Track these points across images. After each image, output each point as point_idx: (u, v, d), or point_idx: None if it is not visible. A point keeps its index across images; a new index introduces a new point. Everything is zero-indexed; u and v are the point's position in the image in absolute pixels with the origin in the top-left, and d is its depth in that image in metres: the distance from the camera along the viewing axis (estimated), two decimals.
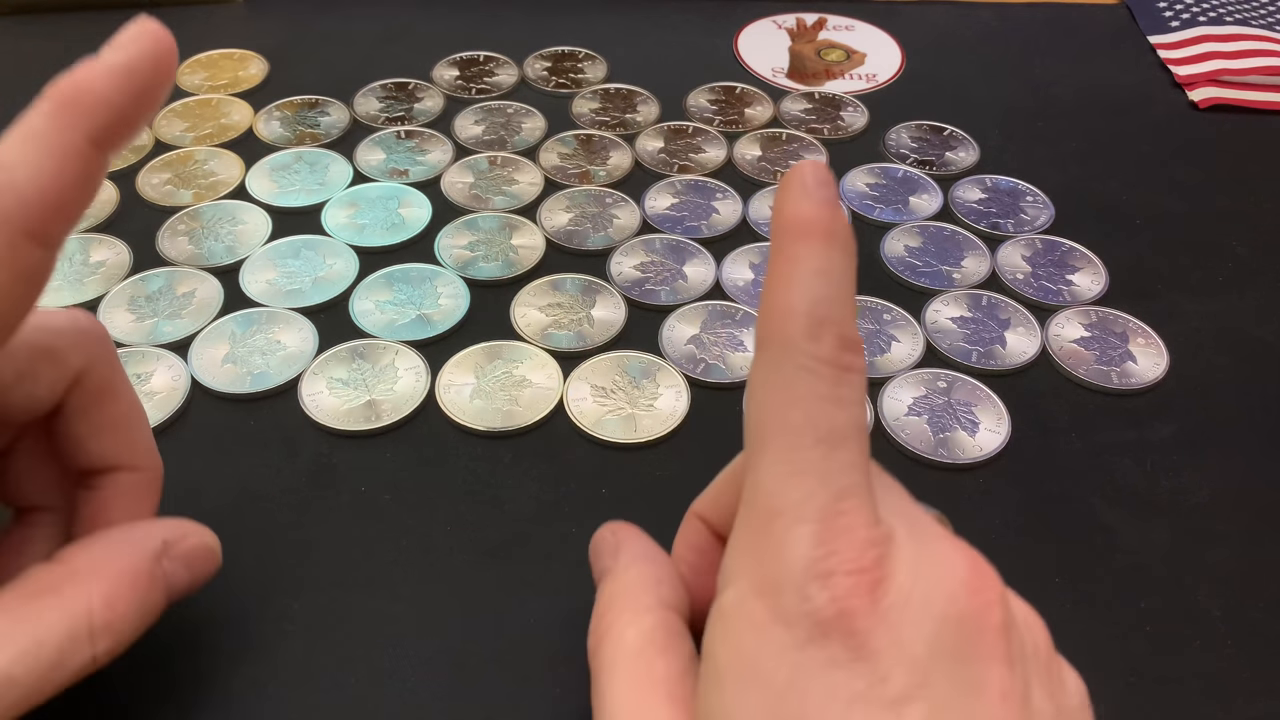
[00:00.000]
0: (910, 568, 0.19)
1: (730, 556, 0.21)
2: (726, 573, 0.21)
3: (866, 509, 0.20)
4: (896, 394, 0.36)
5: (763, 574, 0.19)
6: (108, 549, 0.24)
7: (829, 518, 0.19)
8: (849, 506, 0.19)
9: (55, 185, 0.21)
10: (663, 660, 0.22)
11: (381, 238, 0.41)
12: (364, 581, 0.30)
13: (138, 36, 0.21)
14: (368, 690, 0.28)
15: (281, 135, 0.47)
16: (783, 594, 0.19)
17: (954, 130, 0.49)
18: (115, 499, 0.26)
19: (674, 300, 0.39)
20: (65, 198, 0.21)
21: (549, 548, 0.31)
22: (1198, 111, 0.51)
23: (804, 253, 0.21)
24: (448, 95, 0.50)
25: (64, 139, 0.21)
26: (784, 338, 0.20)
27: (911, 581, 0.19)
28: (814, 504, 0.19)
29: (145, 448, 0.27)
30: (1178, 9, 0.58)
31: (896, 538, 0.20)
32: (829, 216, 0.21)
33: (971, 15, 0.58)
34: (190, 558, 0.25)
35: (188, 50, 0.52)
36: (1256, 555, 0.32)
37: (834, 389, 0.20)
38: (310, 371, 0.36)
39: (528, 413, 0.35)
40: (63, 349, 0.25)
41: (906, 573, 0.19)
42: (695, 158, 0.47)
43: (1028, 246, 0.42)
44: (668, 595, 0.24)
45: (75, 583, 0.23)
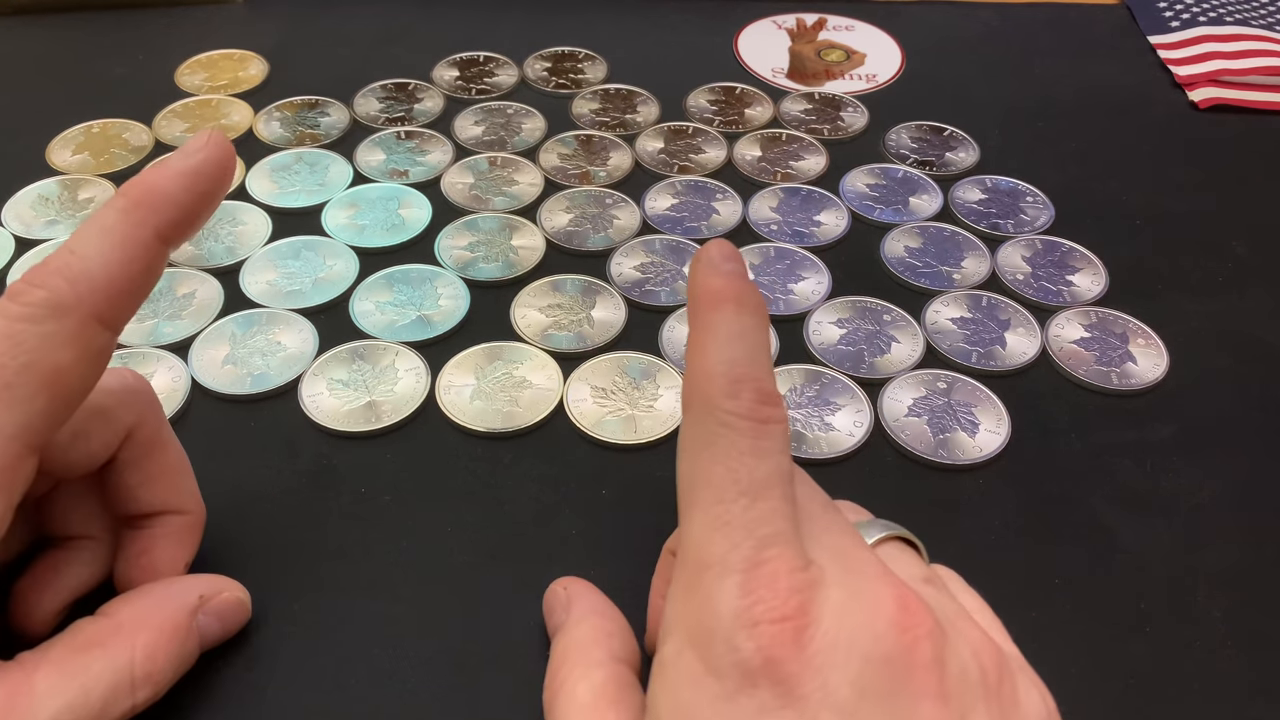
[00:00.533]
0: (836, 610, 0.20)
1: (669, 608, 0.22)
2: (666, 624, 0.21)
3: (791, 555, 0.20)
4: (896, 395, 0.36)
5: (695, 625, 0.20)
6: (149, 603, 0.26)
7: (752, 567, 0.20)
8: (772, 555, 0.20)
9: (124, 274, 0.23)
10: (613, 712, 0.23)
11: (382, 238, 0.41)
12: (364, 582, 0.30)
13: (205, 145, 0.25)
14: (368, 690, 0.28)
15: (281, 136, 0.47)
16: (713, 645, 0.20)
17: (954, 130, 0.49)
18: (161, 539, 0.28)
19: (674, 301, 0.39)
20: (132, 286, 0.23)
21: (549, 548, 0.31)
22: (1198, 111, 0.51)
23: (717, 320, 0.23)
24: (448, 95, 0.50)
25: (134, 234, 0.23)
26: (704, 398, 0.22)
27: (838, 624, 0.20)
28: (738, 554, 0.20)
29: (190, 493, 0.29)
30: (1178, 9, 0.58)
31: (825, 579, 0.20)
32: (737, 286, 0.23)
33: (971, 15, 0.58)
34: (223, 611, 0.27)
35: (188, 50, 0.52)
36: (1256, 555, 0.32)
37: (754, 442, 0.21)
38: (310, 372, 0.36)
39: (528, 414, 0.35)
40: (114, 408, 0.26)
41: (832, 616, 0.20)
42: (695, 158, 0.47)
43: (1028, 247, 0.42)
44: (618, 649, 0.25)
45: (120, 636, 0.24)
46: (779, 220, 0.43)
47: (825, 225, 0.43)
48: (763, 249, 0.42)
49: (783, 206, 0.44)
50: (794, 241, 0.42)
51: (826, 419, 0.35)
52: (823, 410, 0.35)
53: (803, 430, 0.34)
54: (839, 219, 0.43)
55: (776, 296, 0.40)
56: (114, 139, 0.46)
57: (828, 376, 0.36)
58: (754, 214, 0.43)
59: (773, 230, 0.43)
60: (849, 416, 0.35)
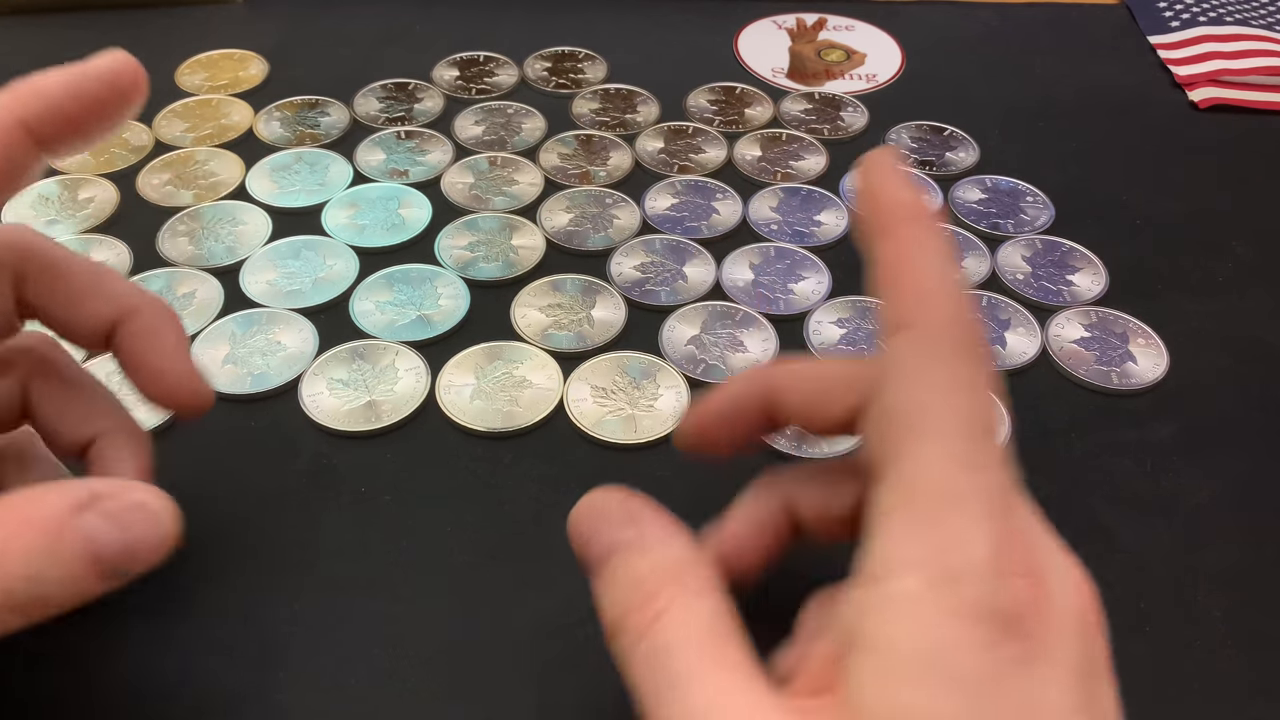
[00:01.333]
0: (1056, 577, 0.19)
1: (888, 540, 0.19)
2: (888, 556, 0.19)
3: (1025, 509, 0.20)
4: None
5: (941, 564, 0.18)
6: (28, 496, 0.21)
7: (1003, 515, 0.19)
8: (1016, 504, 0.19)
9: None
10: (735, 648, 0.20)
11: (382, 238, 0.41)
12: (364, 582, 0.30)
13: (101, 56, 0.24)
14: (368, 690, 0.28)
15: (281, 135, 0.47)
16: (967, 588, 0.18)
17: (954, 130, 0.49)
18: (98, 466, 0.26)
19: (674, 301, 0.39)
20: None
21: (549, 548, 0.31)
22: (1198, 111, 0.51)
23: (921, 235, 0.21)
24: (448, 95, 0.50)
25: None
26: (932, 320, 0.20)
27: (1061, 596, 0.19)
28: (989, 499, 0.19)
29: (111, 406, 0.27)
30: (1178, 9, 0.58)
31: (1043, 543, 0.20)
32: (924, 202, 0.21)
33: (971, 15, 0.58)
34: (123, 516, 0.21)
35: (188, 50, 0.52)
36: (1256, 555, 0.32)
37: (981, 375, 0.20)
38: (310, 372, 0.36)
39: (528, 413, 0.35)
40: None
41: (1055, 582, 0.19)
42: (695, 158, 0.47)
43: (1028, 247, 0.42)
44: (713, 576, 0.22)
45: None
46: (779, 220, 0.43)
47: (825, 225, 0.43)
48: (763, 249, 0.42)
49: (783, 206, 0.44)
50: (794, 241, 0.42)
51: None
52: None
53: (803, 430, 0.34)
54: (839, 219, 0.43)
55: (777, 296, 0.40)
56: (114, 139, 0.46)
57: None
58: (754, 214, 0.43)
59: (773, 230, 0.43)
60: None
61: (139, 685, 0.27)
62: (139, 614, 0.29)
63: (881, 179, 0.22)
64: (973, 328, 0.20)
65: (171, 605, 0.29)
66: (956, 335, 0.20)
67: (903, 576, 0.19)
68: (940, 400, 0.20)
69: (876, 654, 0.19)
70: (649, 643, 0.20)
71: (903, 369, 0.20)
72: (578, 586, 0.30)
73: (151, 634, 0.29)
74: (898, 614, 0.19)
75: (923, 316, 0.20)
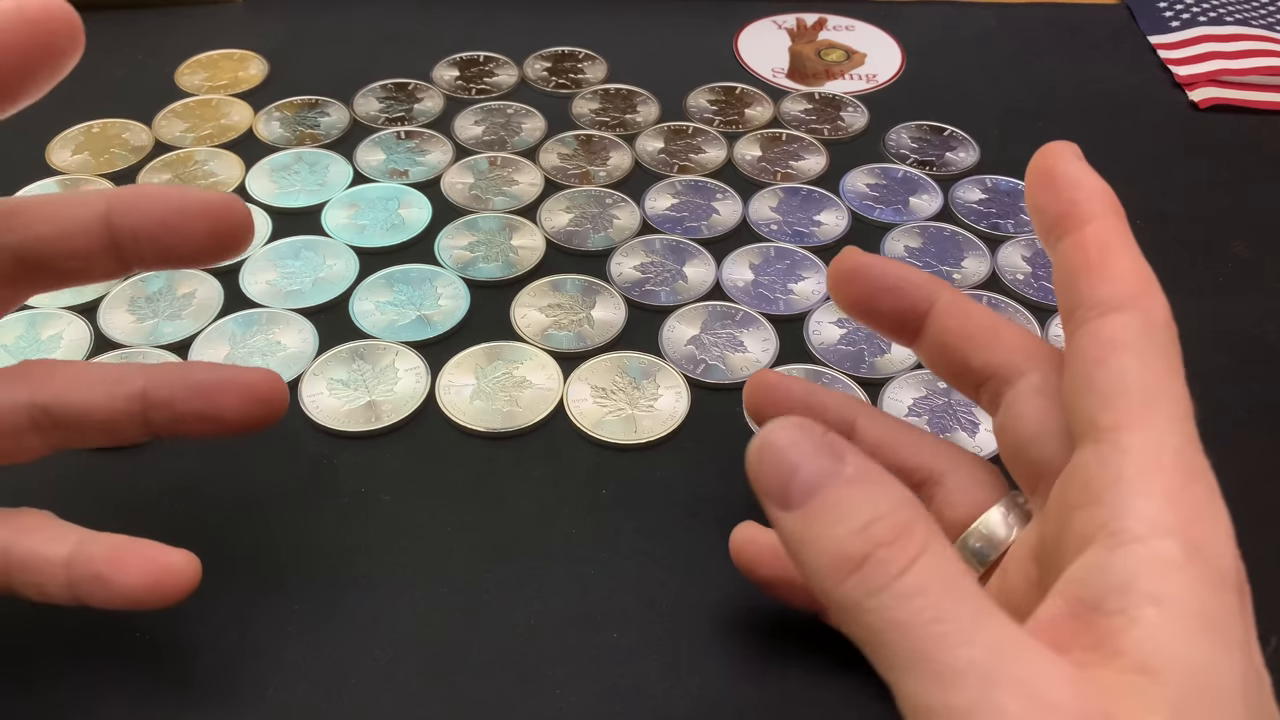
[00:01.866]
0: None
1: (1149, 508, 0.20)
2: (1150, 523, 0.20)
3: None
4: (896, 394, 0.36)
5: (1192, 532, 0.20)
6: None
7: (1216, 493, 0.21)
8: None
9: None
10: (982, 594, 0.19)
11: (381, 238, 0.41)
12: (364, 582, 0.30)
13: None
14: (368, 690, 0.28)
15: (281, 136, 0.47)
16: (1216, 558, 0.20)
17: (954, 130, 0.49)
18: None
19: (674, 301, 0.39)
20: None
21: (549, 548, 0.31)
22: (1198, 111, 0.51)
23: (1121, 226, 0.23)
24: (448, 95, 0.50)
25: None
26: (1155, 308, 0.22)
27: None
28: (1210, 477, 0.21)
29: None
30: (1178, 9, 0.58)
31: None
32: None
33: (971, 15, 0.58)
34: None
35: (188, 50, 0.52)
36: (1256, 555, 0.32)
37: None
38: (310, 372, 0.36)
39: (528, 413, 0.35)
40: None
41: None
42: (695, 158, 0.47)
43: (1028, 247, 0.42)
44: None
45: None
46: (779, 220, 0.43)
47: (825, 225, 0.43)
48: (763, 249, 0.42)
49: (783, 206, 0.44)
50: (794, 241, 0.42)
51: None
52: None
53: None
54: (839, 219, 0.43)
55: (777, 296, 0.40)
56: (114, 139, 0.46)
57: (828, 376, 0.36)
58: (754, 214, 0.43)
59: (773, 230, 0.43)
60: None
61: (139, 685, 0.27)
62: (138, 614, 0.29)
63: (1081, 167, 0.24)
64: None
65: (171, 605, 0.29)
66: (1167, 323, 0.22)
67: (1163, 539, 0.19)
68: (1170, 384, 0.21)
69: (1163, 610, 0.19)
70: (913, 580, 0.19)
71: (1133, 349, 0.22)
72: (577, 586, 0.30)
73: (151, 634, 0.29)
74: (1172, 576, 0.19)
75: (1144, 303, 0.22)
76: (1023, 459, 0.25)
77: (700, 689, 0.28)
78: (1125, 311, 0.22)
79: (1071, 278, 0.23)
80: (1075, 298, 0.23)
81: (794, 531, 0.20)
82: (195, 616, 0.29)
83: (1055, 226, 0.24)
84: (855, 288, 0.27)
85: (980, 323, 0.26)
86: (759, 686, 0.28)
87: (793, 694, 0.28)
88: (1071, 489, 0.22)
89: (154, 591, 0.25)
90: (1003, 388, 0.25)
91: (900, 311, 0.26)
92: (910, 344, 0.27)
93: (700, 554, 0.31)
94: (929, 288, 0.26)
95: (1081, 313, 0.22)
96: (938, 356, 0.27)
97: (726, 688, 0.28)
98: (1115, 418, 0.21)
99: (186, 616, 0.29)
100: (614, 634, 0.29)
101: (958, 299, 0.26)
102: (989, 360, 0.25)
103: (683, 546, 0.31)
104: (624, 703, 0.28)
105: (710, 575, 0.30)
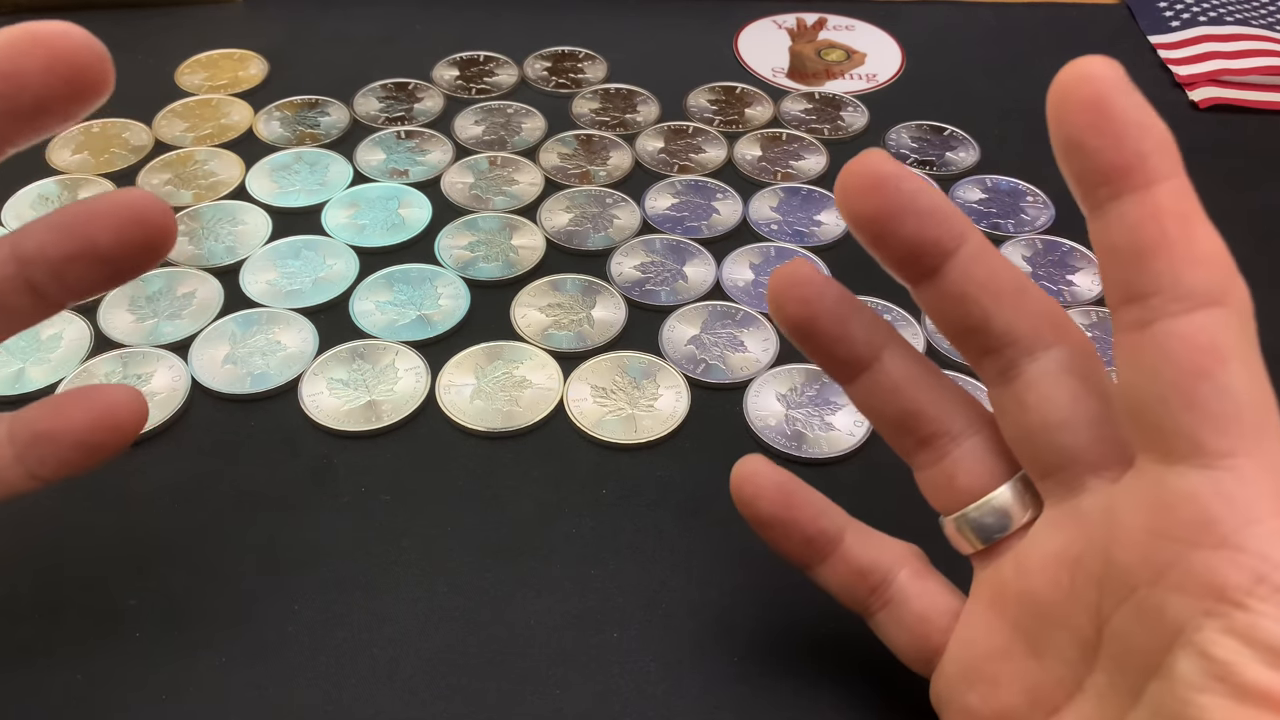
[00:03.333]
0: None
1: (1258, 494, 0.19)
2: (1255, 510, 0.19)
3: None
4: None
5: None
6: None
7: None
8: None
9: None
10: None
11: (381, 238, 0.41)
12: (364, 582, 0.30)
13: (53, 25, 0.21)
14: (368, 690, 0.28)
15: (281, 135, 0.47)
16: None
17: (954, 130, 0.49)
18: None
19: (674, 300, 0.39)
20: None
21: (549, 548, 0.31)
22: (1198, 111, 0.51)
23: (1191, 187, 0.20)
24: (448, 95, 0.50)
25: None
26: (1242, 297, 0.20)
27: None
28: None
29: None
30: (1178, 9, 0.58)
31: None
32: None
33: (971, 15, 0.58)
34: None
35: (188, 50, 0.52)
36: None
37: None
38: (310, 372, 0.36)
39: (528, 413, 0.35)
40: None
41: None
42: (695, 158, 0.47)
43: (1028, 247, 0.42)
44: None
45: None
46: (779, 220, 0.43)
47: (826, 225, 0.43)
48: (763, 249, 0.42)
49: (783, 206, 0.44)
50: (794, 241, 0.42)
51: (827, 419, 0.35)
52: (823, 410, 0.35)
53: (803, 430, 0.34)
54: (839, 219, 0.43)
55: None
56: (114, 139, 0.46)
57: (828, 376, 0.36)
58: (754, 214, 0.43)
59: (773, 230, 0.43)
60: (850, 416, 0.35)
61: (139, 685, 0.27)
62: (138, 614, 0.29)
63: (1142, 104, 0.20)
64: None
65: (171, 605, 0.29)
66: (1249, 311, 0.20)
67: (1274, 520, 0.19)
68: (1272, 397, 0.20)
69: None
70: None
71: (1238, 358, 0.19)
72: (577, 586, 0.30)
73: (151, 634, 0.29)
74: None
75: (1236, 296, 0.20)
76: (1041, 443, 0.22)
77: (700, 689, 0.28)
78: (1220, 307, 0.19)
79: (1140, 253, 0.19)
80: (1146, 279, 0.19)
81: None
82: (194, 616, 0.29)
83: (1110, 180, 0.20)
84: (877, 200, 0.22)
85: (1010, 280, 0.22)
86: (759, 686, 0.28)
87: (792, 694, 0.28)
88: (1175, 517, 0.19)
89: (101, 428, 0.24)
90: (1022, 358, 0.22)
91: (923, 243, 0.22)
92: (917, 284, 0.23)
93: (700, 554, 0.31)
94: (959, 225, 0.22)
95: (1161, 302, 0.19)
96: (952, 307, 0.23)
97: (726, 688, 0.28)
98: (1230, 443, 0.19)
99: (185, 617, 0.29)
100: (614, 634, 0.29)
101: (988, 247, 0.23)
102: (1013, 324, 0.22)
103: (683, 546, 0.31)
104: (624, 703, 0.28)
105: (710, 575, 0.30)
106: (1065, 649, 0.22)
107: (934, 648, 0.25)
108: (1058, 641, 0.22)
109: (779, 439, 0.34)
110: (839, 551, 0.26)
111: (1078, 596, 0.21)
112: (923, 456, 0.25)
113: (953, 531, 0.25)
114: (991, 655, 0.23)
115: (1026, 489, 0.24)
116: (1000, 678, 0.23)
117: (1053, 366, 0.22)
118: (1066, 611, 0.22)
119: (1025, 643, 0.23)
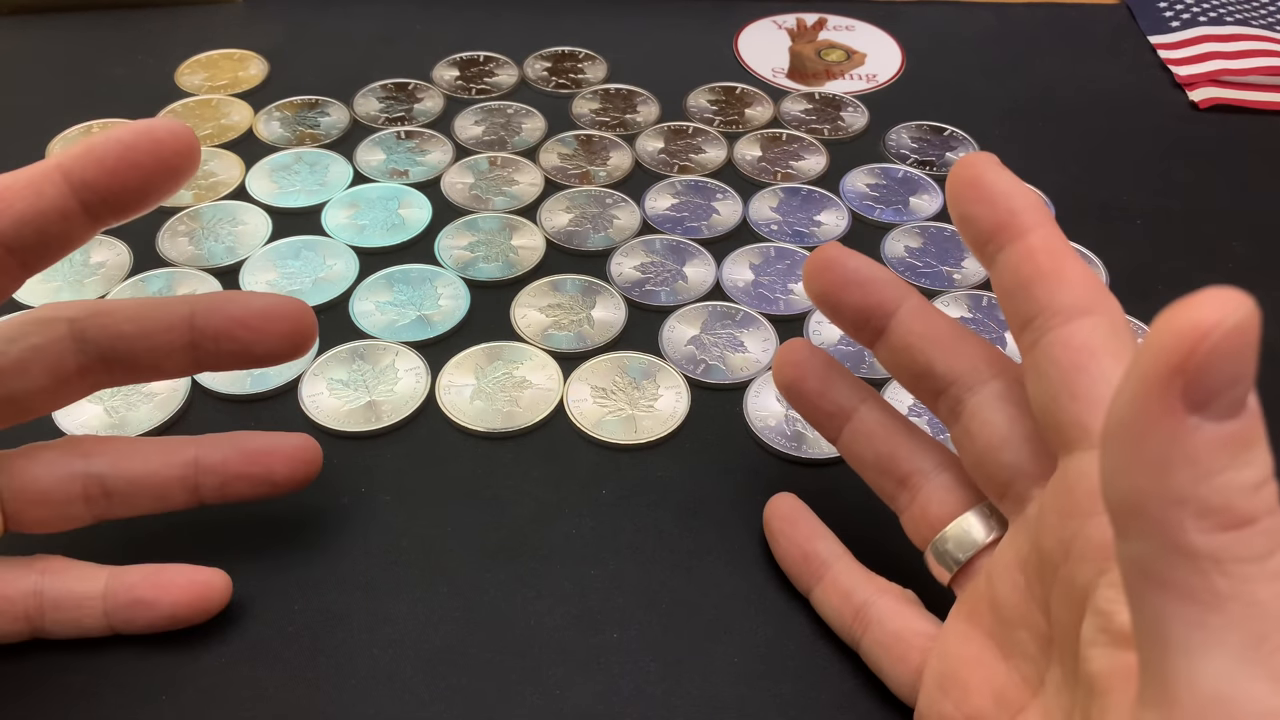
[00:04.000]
0: None
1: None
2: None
3: None
4: (897, 395, 0.36)
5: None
6: None
7: None
8: None
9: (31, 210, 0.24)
10: None
11: (381, 238, 0.41)
12: (364, 582, 0.30)
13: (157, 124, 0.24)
14: (368, 690, 0.28)
15: (281, 136, 0.47)
16: None
17: (954, 130, 0.49)
18: None
19: (674, 301, 0.39)
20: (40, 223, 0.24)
21: (549, 548, 0.31)
22: (1198, 111, 0.51)
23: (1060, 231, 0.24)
24: (448, 95, 0.50)
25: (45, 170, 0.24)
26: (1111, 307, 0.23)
27: None
28: None
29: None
30: (1178, 9, 0.58)
31: None
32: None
33: (971, 15, 0.58)
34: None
35: (188, 50, 0.52)
36: None
37: None
38: (310, 372, 0.36)
39: (528, 414, 0.35)
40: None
41: None
42: (695, 158, 0.47)
43: None
44: None
45: None
46: (779, 220, 0.43)
47: (825, 225, 0.43)
48: (763, 249, 0.42)
49: (783, 206, 0.44)
50: (794, 241, 0.42)
51: None
52: None
53: (803, 430, 0.34)
54: (839, 219, 0.43)
55: (777, 296, 0.40)
56: None
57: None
58: (754, 214, 0.43)
59: (773, 230, 0.43)
60: None
61: (139, 686, 0.27)
62: None
63: (1009, 177, 0.24)
64: None
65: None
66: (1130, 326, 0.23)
67: None
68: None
69: None
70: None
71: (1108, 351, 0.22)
72: (577, 586, 0.30)
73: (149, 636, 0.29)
74: None
75: (1105, 306, 0.22)
76: (990, 465, 0.25)
77: (700, 689, 0.28)
78: (1091, 315, 0.22)
79: (1023, 286, 0.23)
80: (1031, 306, 0.23)
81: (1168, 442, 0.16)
82: None
83: (993, 237, 0.24)
84: (826, 279, 0.27)
85: (945, 329, 0.26)
86: (759, 686, 0.28)
87: (792, 695, 0.28)
88: (1074, 496, 0.21)
89: (196, 608, 0.28)
90: (965, 394, 0.26)
91: (867, 308, 0.27)
92: (872, 343, 0.27)
93: (700, 554, 0.31)
94: (898, 289, 0.27)
95: (1043, 320, 0.23)
96: (901, 358, 0.27)
97: (726, 688, 0.28)
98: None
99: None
100: (614, 634, 0.29)
101: (925, 304, 0.27)
102: (953, 366, 0.26)
103: (683, 546, 0.31)
104: (624, 703, 0.28)
105: (710, 575, 0.31)
106: (1028, 646, 0.23)
107: (914, 668, 0.26)
108: (1021, 641, 0.23)
109: (779, 439, 0.34)
110: (830, 575, 0.28)
111: (1031, 594, 0.23)
112: (903, 498, 0.28)
113: (932, 561, 0.27)
114: (965, 662, 0.24)
115: (992, 512, 0.26)
116: (971, 683, 0.24)
117: (990, 397, 0.25)
118: (1024, 610, 0.23)
119: (996, 647, 0.24)
